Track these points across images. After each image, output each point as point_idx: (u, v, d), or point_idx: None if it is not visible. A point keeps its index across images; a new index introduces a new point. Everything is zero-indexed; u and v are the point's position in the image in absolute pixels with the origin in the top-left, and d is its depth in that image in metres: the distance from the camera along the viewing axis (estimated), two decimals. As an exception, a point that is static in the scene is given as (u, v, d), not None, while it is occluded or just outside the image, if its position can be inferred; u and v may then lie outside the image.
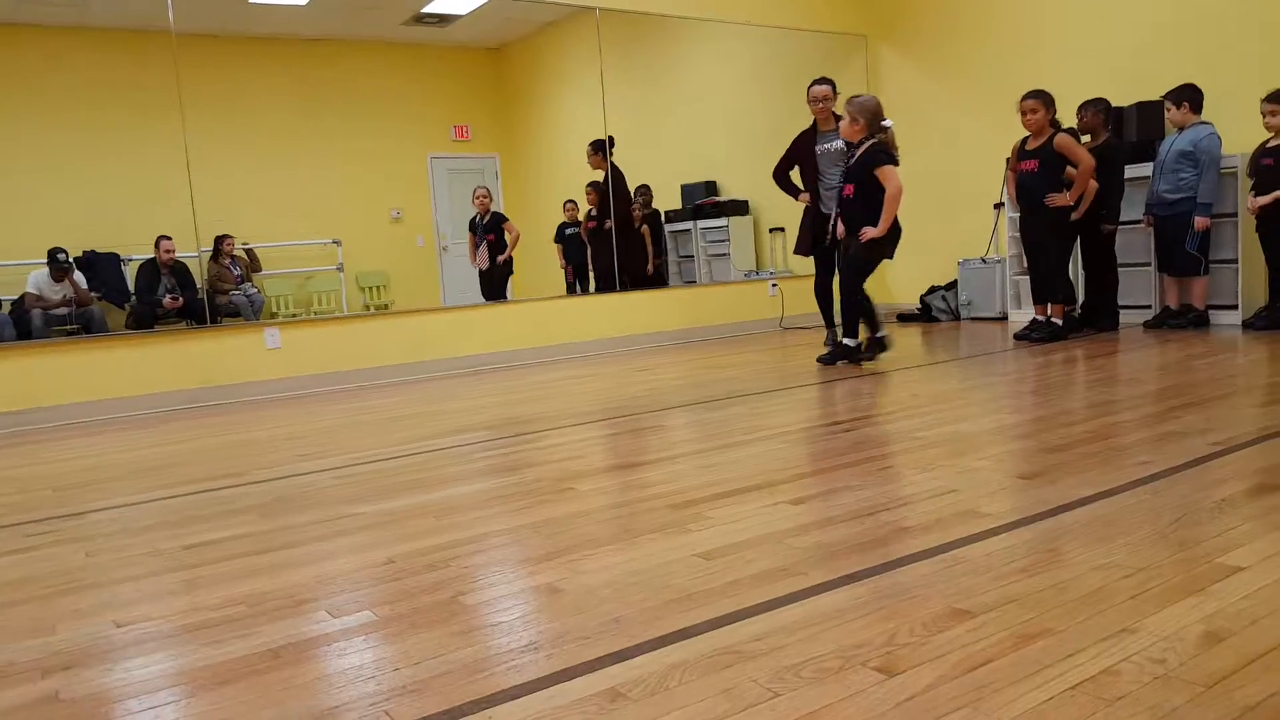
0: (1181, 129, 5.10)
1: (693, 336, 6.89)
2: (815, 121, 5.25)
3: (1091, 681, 1.18)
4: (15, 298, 6.83)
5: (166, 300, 6.96)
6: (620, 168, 7.01)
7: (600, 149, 6.93)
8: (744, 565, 1.71)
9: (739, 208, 7.70)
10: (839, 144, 4.96)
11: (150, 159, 7.07)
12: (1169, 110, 5.14)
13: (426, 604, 1.63)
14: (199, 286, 7.07)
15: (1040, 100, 4.93)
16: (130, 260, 7.29)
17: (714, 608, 1.51)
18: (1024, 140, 5.10)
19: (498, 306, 6.61)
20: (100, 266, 7.29)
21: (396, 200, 8.70)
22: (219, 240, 7.18)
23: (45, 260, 6.90)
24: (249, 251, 7.76)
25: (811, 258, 5.29)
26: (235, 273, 7.44)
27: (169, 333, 5.80)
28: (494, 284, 7.39)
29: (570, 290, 7.97)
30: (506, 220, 7.32)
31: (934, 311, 6.82)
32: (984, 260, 6.58)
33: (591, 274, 7.42)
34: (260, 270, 7.88)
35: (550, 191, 8.47)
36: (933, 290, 6.91)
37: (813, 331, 6.69)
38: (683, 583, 1.64)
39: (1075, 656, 1.26)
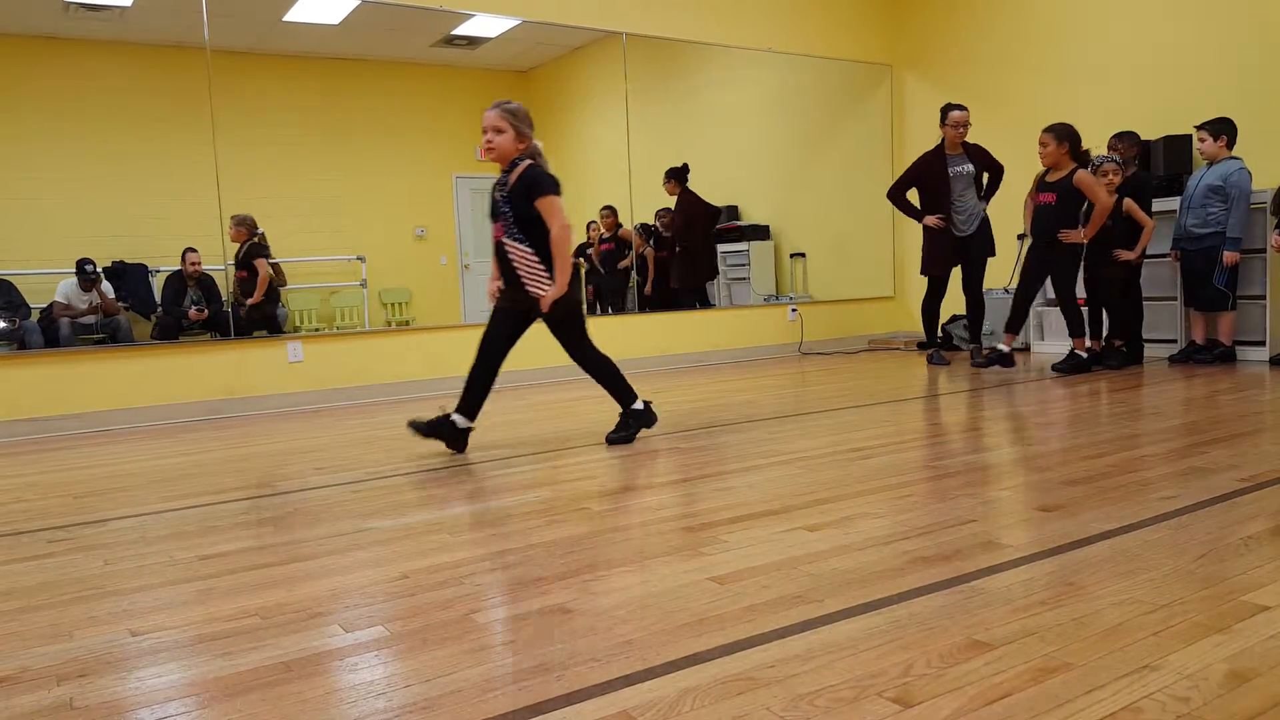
0: (1211, 163, 5.06)
1: (710, 360, 6.88)
2: (943, 144, 5.61)
3: (1112, 718, 1.16)
4: (44, 306, 6.94)
5: (192, 312, 7.04)
6: (695, 192, 7.10)
7: (673, 176, 7.11)
8: (758, 591, 1.69)
9: (760, 232, 7.73)
10: (969, 168, 5.58)
11: (180, 172, 7.18)
12: (1202, 142, 5.10)
13: (439, 621, 1.63)
14: (224, 299, 7.16)
15: (1053, 135, 4.94)
16: (157, 272, 7.40)
17: (727, 633, 1.50)
18: (1045, 172, 5.09)
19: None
20: (128, 277, 7.39)
21: (421, 219, 8.79)
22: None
23: (74, 270, 7.01)
24: (275, 266, 7.86)
25: (927, 277, 5.77)
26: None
27: (193, 344, 5.87)
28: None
29: (590, 310, 8.00)
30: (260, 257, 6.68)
31: (955, 340, 6.78)
32: (1006, 290, 6.54)
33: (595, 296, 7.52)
34: (285, 285, 7.96)
35: (574, 213, 8.52)
36: (954, 319, 6.87)
37: (832, 358, 6.67)
38: (696, 607, 1.63)
39: (1096, 692, 1.23)
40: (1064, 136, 4.93)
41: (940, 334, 6.91)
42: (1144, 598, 1.58)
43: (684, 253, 7.23)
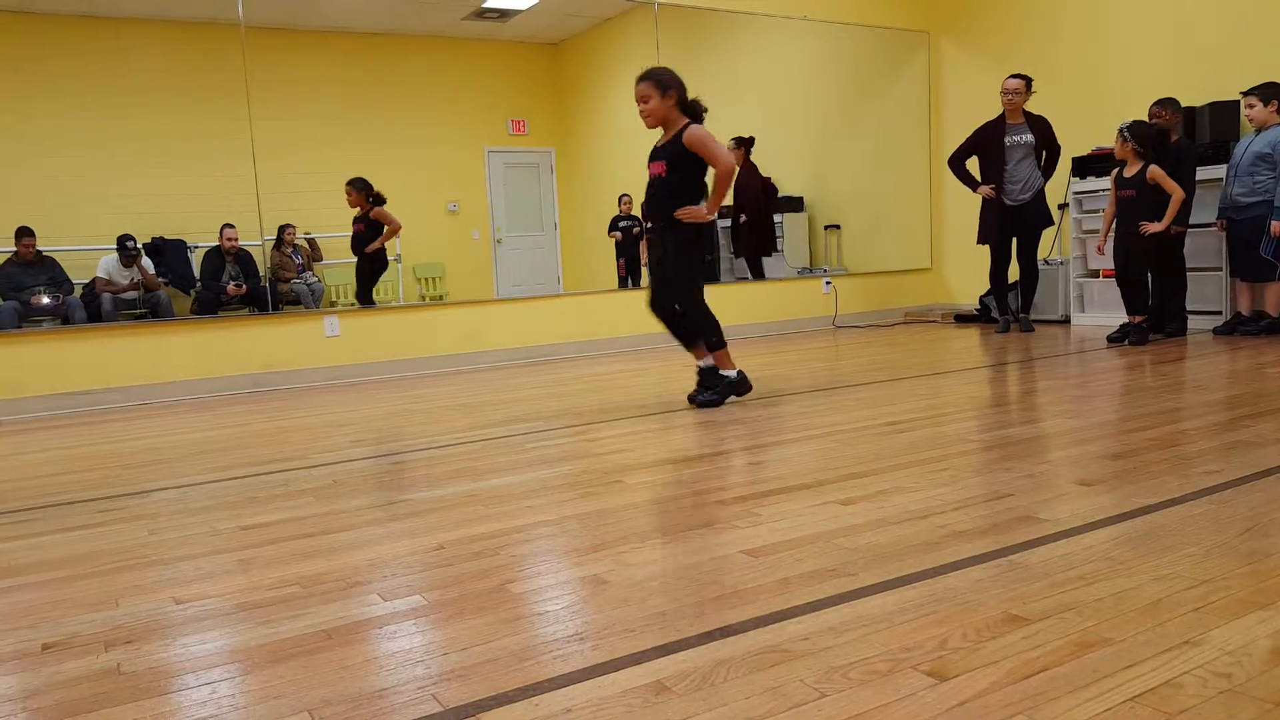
0: (1260, 129, 4.91)
1: (744, 333, 6.85)
2: (1004, 113, 5.62)
3: (1153, 694, 1.14)
4: (86, 282, 7.08)
5: (230, 287, 7.14)
6: (755, 166, 7.03)
7: (742, 145, 7.00)
8: (792, 564, 1.69)
9: (794, 204, 7.64)
10: (1028, 138, 5.52)
11: (217, 149, 7.26)
12: (1250, 108, 4.94)
13: (475, 590, 1.65)
14: (261, 274, 7.25)
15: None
16: (196, 248, 7.51)
17: (761, 605, 1.50)
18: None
19: (550, 300, 6.64)
20: (167, 253, 7.51)
21: (453, 193, 8.81)
22: (281, 229, 7.34)
23: (115, 246, 7.14)
24: (310, 241, 7.93)
25: (986, 245, 5.79)
26: (297, 261, 7.61)
27: (232, 319, 5.96)
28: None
29: (622, 284, 7.98)
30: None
31: (993, 313, 6.68)
32: (1047, 262, 6.42)
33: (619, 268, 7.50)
34: (321, 259, 8.04)
35: (605, 185, 8.49)
36: (990, 291, 6.77)
37: (868, 331, 6.60)
38: (729, 579, 1.63)
39: (1136, 667, 1.22)
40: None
41: (978, 305, 6.83)
42: (1185, 573, 1.56)
43: (745, 224, 7.18)
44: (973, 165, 5.86)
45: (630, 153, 8.37)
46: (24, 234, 6.84)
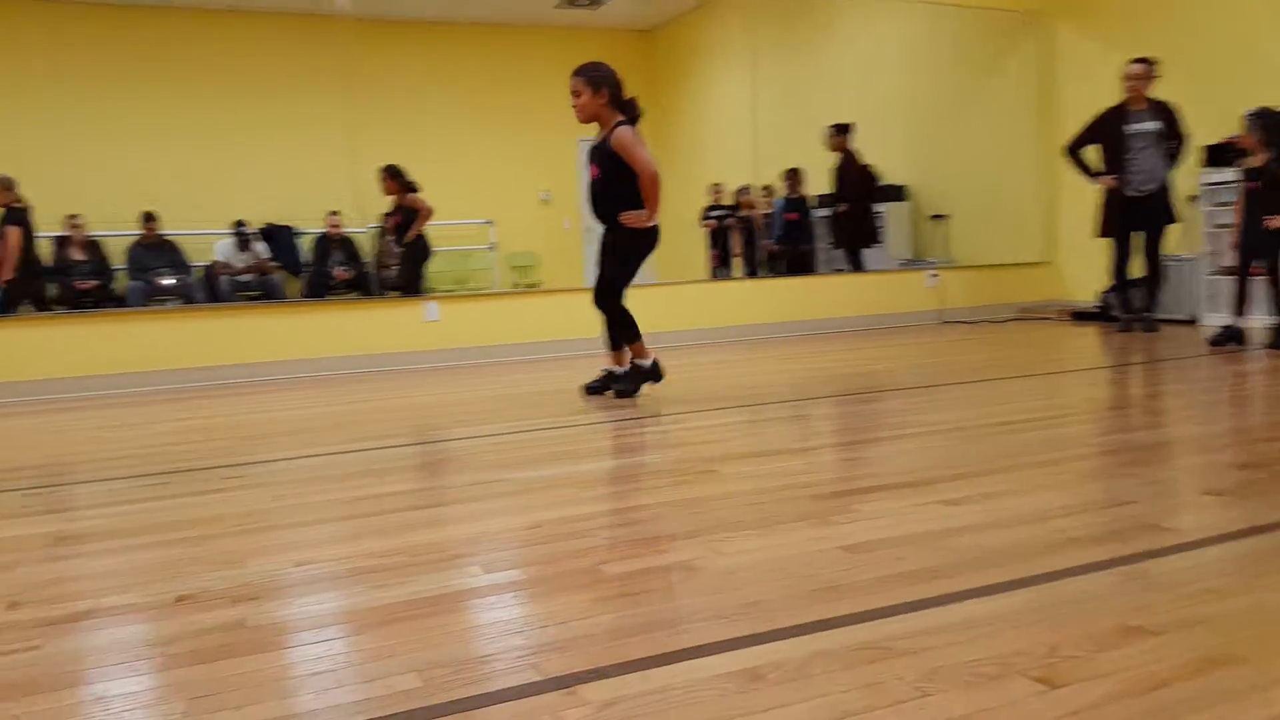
0: None
1: (843, 326, 6.70)
2: (1126, 99, 5.40)
3: (1287, 717, 1.08)
4: (206, 265, 7.48)
5: (337, 272, 7.43)
6: (856, 153, 6.84)
7: (842, 131, 6.80)
8: (892, 562, 1.66)
9: (896, 193, 7.41)
10: (1153, 126, 5.29)
11: (323, 139, 7.53)
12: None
13: (571, 569, 1.67)
14: (364, 261, 7.51)
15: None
16: (303, 233, 7.84)
17: (858, 602, 1.47)
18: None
19: (640, 289, 6.64)
20: (278, 238, 7.87)
21: (545, 182, 8.92)
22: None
23: (231, 231, 7.51)
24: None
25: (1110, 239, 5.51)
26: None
27: (339, 302, 6.18)
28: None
29: (714, 274, 7.94)
30: None
31: (1114, 311, 6.33)
32: (1175, 258, 6.06)
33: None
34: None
35: (698, 174, 8.44)
36: (1114, 288, 6.41)
37: (977, 327, 6.38)
38: (826, 574, 1.61)
39: (1270, 690, 1.15)
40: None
41: (1098, 302, 6.50)
42: (1324, 593, 1.46)
43: (844, 213, 6.98)
44: (1094, 155, 5.60)
45: (724, 140, 8.31)
46: (148, 218, 7.27)
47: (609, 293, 3.62)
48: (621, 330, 3.64)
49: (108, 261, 7.18)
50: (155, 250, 7.37)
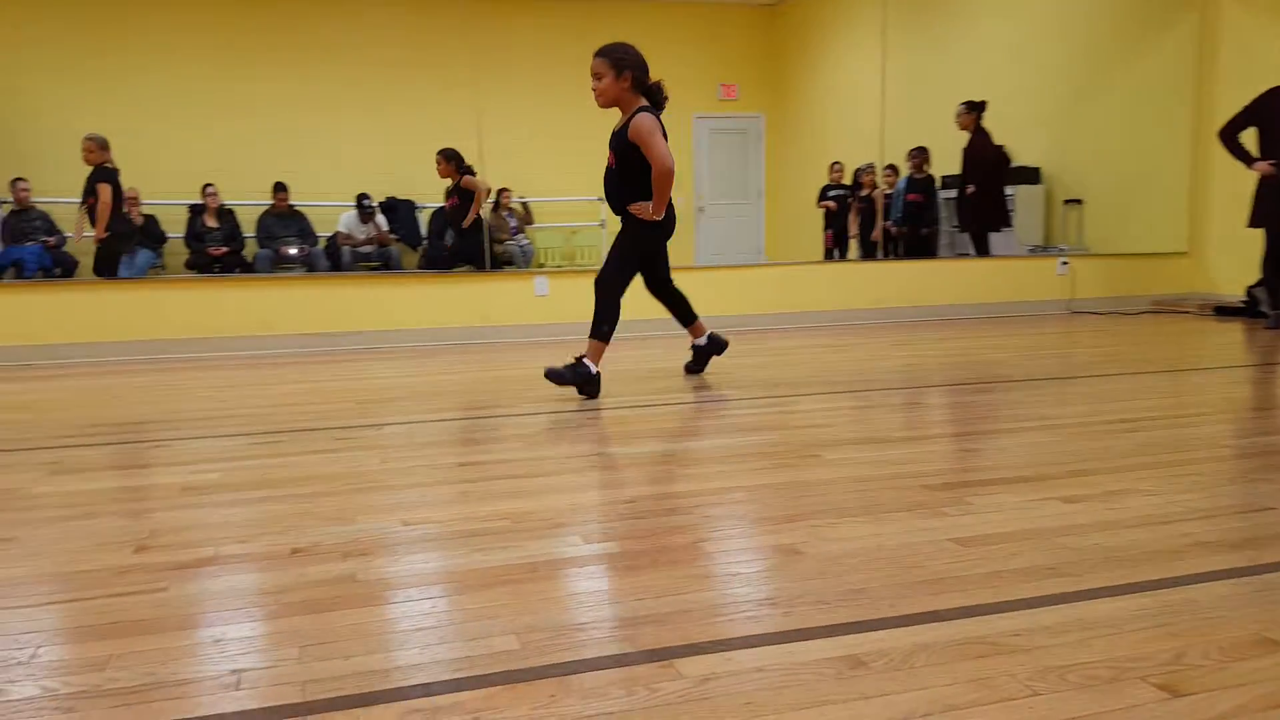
0: None
1: (964, 313, 6.44)
2: None
3: None
4: (329, 235, 7.80)
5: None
6: (987, 132, 6.52)
7: (974, 109, 6.49)
8: (1006, 558, 1.59)
9: (1028, 176, 7.04)
10: None
11: (445, 115, 7.70)
12: None
13: (669, 545, 1.67)
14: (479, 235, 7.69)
15: None
16: (423, 208, 8.08)
17: (968, 595, 1.42)
18: None
19: (751, 269, 6.57)
20: (399, 212, 8.14)
21: (661, 160, 8.86)
22: (499, 193, 7.74)
23: (354, 204, 7.80)
24: (524, 205, 8.32)
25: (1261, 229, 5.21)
26: (511, 224, 8.00)
27: (453, 275, 6.34)
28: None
29: (828, 256, 7.77)
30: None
31: (1262, 306, 5.87)
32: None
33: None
34: (532, 223, 8.42)
35: (817, 152, 8.26)
36: (1262, 281, 5.94)
37: (1109, 318, 6.04)
38: (935, 565, 1.56)
39: None
40: None
41: (1245, 297, 6.05)
42: None
43: (972, 195, 6.68)
44: (1251, 139, 5.20)
45: (845, 119, 8.08)
46: (279, 189, 7.62)
47: (610, 283, 3.38)
48: (601, 321, 3.36)
49: (239, 229, 7.58)
50: (284, 220, 7.73)
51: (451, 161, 6.36)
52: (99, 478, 2.27)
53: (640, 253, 3.45)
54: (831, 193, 7.79)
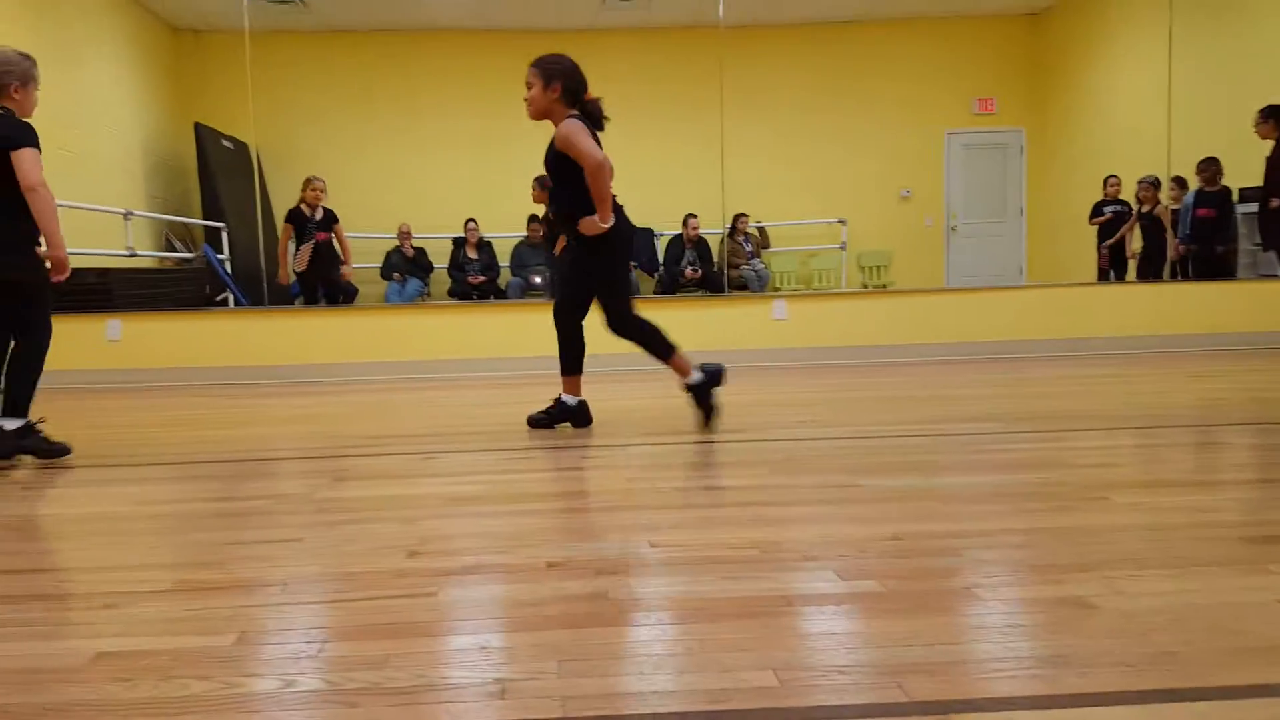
0: None
1: (1271, 342, 5.60)
2: None
3: None
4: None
5: (688, 271, 7.74)
6: None
7: (1271, 116, 5.77)
8: (1364, 629, 1.30)
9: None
10: None
11: (685, 143, 7.85)
12: None
13: (938, 588, 1.53)
14: (714, 260, 7.75)
15: None
16: (661, 235, 8.27)
17: (1312, 671, 1.17)
18: None
19: (1010, 291, 6.10)
20: (640, 239, 8.40)
21: (906, 179, 8.53)
22: (735, 219, 7.77)
23: (599, 233, 8.12)
24: (760, 229, 8.29)
25: None
26: (747, 249, 8.00)
27: (687, 300, 6.41)
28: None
29: (1103, 277, 7.08)
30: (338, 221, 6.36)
31: None
32: None
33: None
34: (769, 247, 8.38)
35: (1087, 166, 7.57)
36: None
37: None
38: (1264, 630, 1.31)
39: None
40: None
41: None
42: None
43: (1275, 210, 5.83)
44: None
45: (1118, 130, 7.36)
46: (532, 220, 8.09)
47: (621, 319, 3.15)
48: (654, 352, 3.17)
49: (495, 259, 8.13)
50: (536, 249, 8.20)
51: (544, 189, 6.37)
52: (375, 485, 2.47)
53: (621, 263, 3.18)
54: (1106, 208, 7.10)
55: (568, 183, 3.02)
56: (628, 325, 3.15)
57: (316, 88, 8.19)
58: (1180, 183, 6.57)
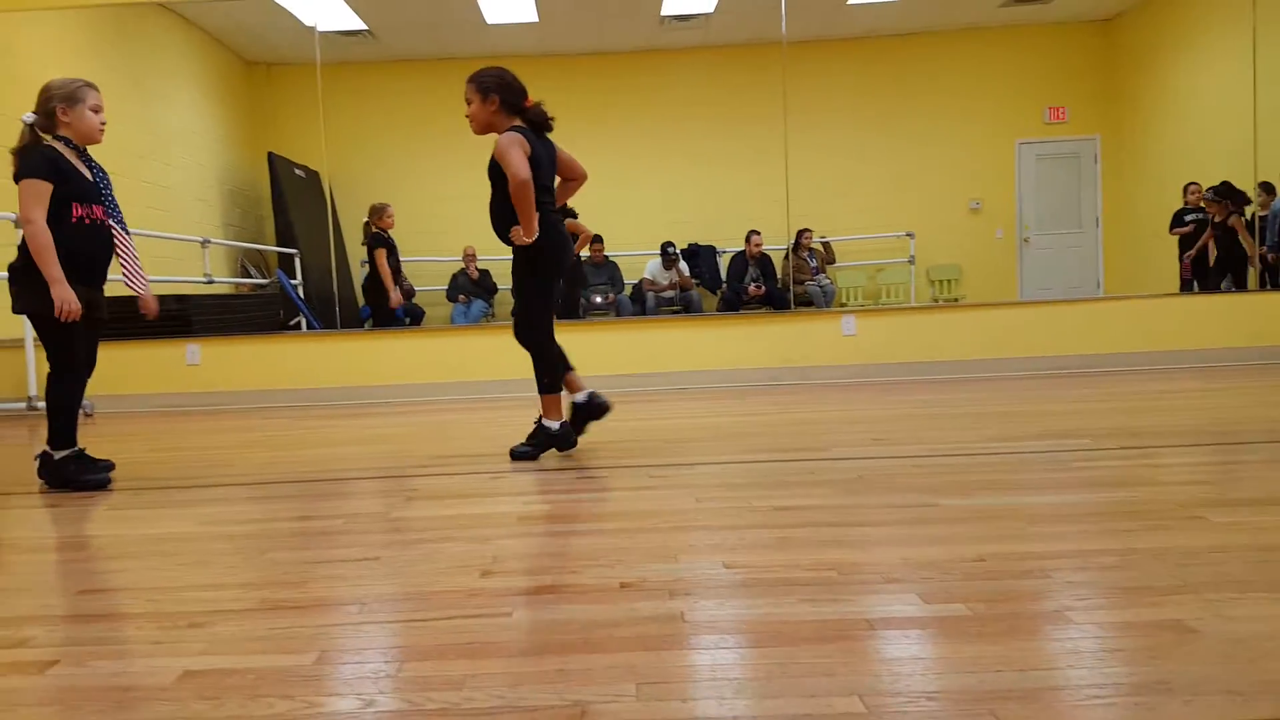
0: None
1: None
2: None
3: None
4: (635, 282, 8.21)
5: (751, 288, 7.70)
6: None
7: None
8: None
9: None
10: None
11: (750, 161, 7.82)
12: None
13: (1028, 611, 1.47)
14: (778, 277, 7.69)
15: None
16: (723, 252, 8.25)
17: None
18: None
19: (1087, 304, 5.90)
20: (701, 257, 8.39)
21: (976, 191, 8.36)
22: (799, 234, 7.70)
23: (658, 252, 8.15)
24: (825, 245, 8.21)
25: None
26: (811, 265, 7.92)
27: (752, 316, 6.36)
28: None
29: (1185, 288, 6.83)
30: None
31: None
32: None
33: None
34: (834, 262, 8.28)
35: (1165, 174, 7.32)
36: None
37: None
38: (1389, 662, 1.22)
39: None
40: None
41: None
42: None
43: None
44: None
45: (1199, 135, 7.11)
46: (596, 241, 8.15)
47: (526, 327, 3.14)
48: (542, 374, 3.14)
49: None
50: (598, 269, 8.25)
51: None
52: (446, 505, 2.48)
53: (540, 282, 3.10)
54: (1187, 217, 6.85)
55: (507, 195, 2.96)
56: (532, 339, 3.15)
57: (384, 115, 8.39)
58: (1267, 188, 6.31)
